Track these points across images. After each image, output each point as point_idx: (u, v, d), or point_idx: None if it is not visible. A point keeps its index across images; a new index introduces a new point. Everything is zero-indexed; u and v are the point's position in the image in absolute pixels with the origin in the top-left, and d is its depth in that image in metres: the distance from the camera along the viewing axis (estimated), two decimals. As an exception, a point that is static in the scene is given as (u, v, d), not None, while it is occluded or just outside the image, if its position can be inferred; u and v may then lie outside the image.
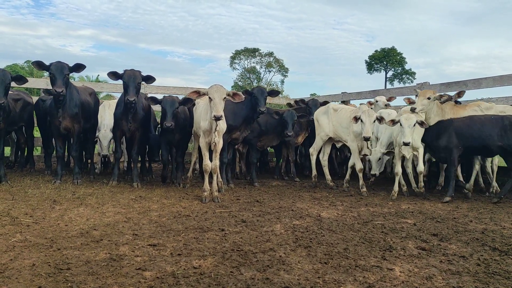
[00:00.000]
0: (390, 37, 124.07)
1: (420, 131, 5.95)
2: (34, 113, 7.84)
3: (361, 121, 5.95)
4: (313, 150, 7.16)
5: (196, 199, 5.55)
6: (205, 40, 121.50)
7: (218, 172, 5.81)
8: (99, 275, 2.79)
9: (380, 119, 5.97)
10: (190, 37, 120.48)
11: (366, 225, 4.34)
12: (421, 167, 6.11)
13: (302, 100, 8.38)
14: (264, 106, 6.27)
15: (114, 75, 6.07)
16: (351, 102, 10.65)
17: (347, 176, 6.79)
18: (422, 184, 6.22)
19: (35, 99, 8.02)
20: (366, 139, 5.93)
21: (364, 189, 6.28)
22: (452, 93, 6.37)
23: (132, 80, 5.96)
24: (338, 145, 7.26)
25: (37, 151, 9.90)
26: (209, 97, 5.08)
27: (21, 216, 4.27)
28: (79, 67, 6.13)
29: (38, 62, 5.95)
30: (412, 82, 65.97)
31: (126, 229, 3.94)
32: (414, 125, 5.67)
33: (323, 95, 12.15)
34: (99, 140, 7.22)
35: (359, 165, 6.35)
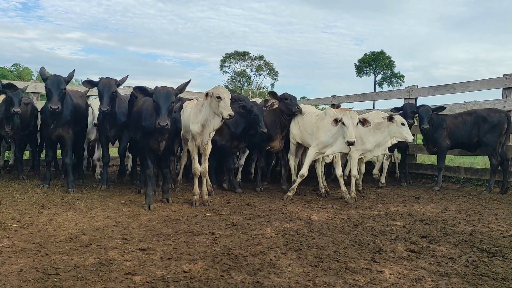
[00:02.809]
0: (379, 41, 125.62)
1: None
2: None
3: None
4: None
5: (186, 202, 5.53)
6: (195, 43, 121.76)
7: (207, 175, 5.80)
8: (88, 280, 2.77)
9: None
10: (179, 40, 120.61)
11: (356, 228, 4.36)
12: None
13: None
14: (265, 128, 6.18)
15: (89, 83, 6.01)
16: (341, 105, 10.72)
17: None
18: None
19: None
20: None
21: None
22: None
23: (106, 90, 5.81)
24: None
25: (26, 155, 9.77)
26: (217, 97, 4.95)
27: (9, 221, 4.21)
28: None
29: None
30: (401, 85, 66.65)
31: (115, 234, 3.91)
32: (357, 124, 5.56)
33: (313, 98, 12.23)
34: (91, 108, 7.07)
35: (339, 172, 6.20)
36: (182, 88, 5.18)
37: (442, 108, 7.39)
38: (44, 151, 8.50)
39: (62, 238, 3.72)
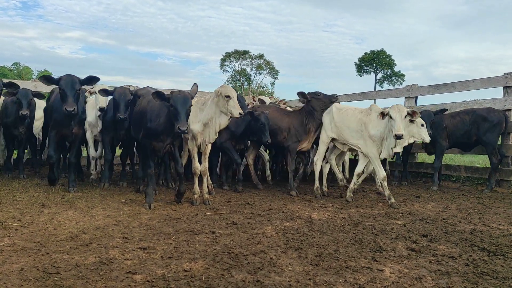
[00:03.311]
0: (379, 40, 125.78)
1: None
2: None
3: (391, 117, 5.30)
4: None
5: (186, 201, 5.52)
6: (195, 42, 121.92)
7: (208, 174, 5.80)
8: (89, 279, 2.77)
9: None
10: (179, 39, 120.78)
11: (356, 227, 4.36)
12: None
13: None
14: (270, 138, 6.19)
15: (105, 92, 6.19)
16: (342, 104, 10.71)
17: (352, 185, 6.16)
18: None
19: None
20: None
21: (392, 200, 5.68)
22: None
23: (122, 98, 6.02)
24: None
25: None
26: (226, 96, 5.01)
27: (9, 220, 4.21)
28: (91, 80, 5.64)
29: (46, 77, 5.55)
30: (401, 84, 66.72)
31: (116, 233, 3.91)
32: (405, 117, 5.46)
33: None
34: (97, 94, 6.87)
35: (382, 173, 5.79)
36: (195, 92, 5.13)
37: (443, 110, 7.31)
38: (41, 150, 8.55)
39: (63, 237, 3.72)
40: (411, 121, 5.84)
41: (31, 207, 4.86)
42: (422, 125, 5.98)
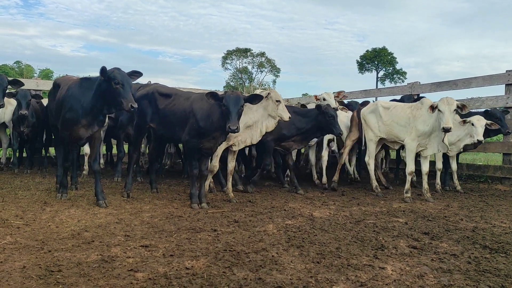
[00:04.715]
0: (380, 37, 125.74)
1: None
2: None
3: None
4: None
5: (188, 199, 5.52)
6: (196, 40, 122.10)
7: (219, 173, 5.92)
8: (91, 277, 2.77)
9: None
10: (181, 37, 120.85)
11: (358, 224, 4.36)
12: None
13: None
14: (341, 129, 6.26)
15: None
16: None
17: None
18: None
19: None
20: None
21: (408, 195, 5.92)
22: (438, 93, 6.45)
23: (134, 92, 6.15)
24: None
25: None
26: (277, 100, 5.38)
27: (11, 218, 4.22)
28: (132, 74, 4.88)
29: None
30: (403, 81, 66.65)
31: (117, 230, 3.92)
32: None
33: (315, 95, 12.16)
34: None
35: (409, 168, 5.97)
36: (250, 98, 5.01)
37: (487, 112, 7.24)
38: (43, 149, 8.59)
39: (65, 235, 3.73)
40: (464, 122, 5.97)
41: (33, 205, 4.87)
42: (473, 124, 5.97)
